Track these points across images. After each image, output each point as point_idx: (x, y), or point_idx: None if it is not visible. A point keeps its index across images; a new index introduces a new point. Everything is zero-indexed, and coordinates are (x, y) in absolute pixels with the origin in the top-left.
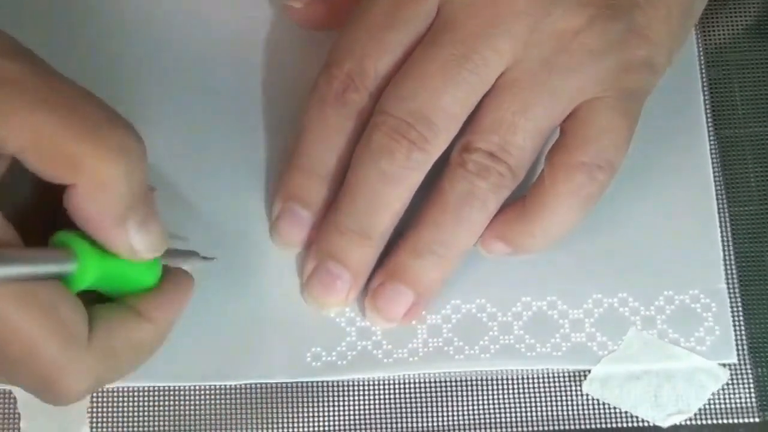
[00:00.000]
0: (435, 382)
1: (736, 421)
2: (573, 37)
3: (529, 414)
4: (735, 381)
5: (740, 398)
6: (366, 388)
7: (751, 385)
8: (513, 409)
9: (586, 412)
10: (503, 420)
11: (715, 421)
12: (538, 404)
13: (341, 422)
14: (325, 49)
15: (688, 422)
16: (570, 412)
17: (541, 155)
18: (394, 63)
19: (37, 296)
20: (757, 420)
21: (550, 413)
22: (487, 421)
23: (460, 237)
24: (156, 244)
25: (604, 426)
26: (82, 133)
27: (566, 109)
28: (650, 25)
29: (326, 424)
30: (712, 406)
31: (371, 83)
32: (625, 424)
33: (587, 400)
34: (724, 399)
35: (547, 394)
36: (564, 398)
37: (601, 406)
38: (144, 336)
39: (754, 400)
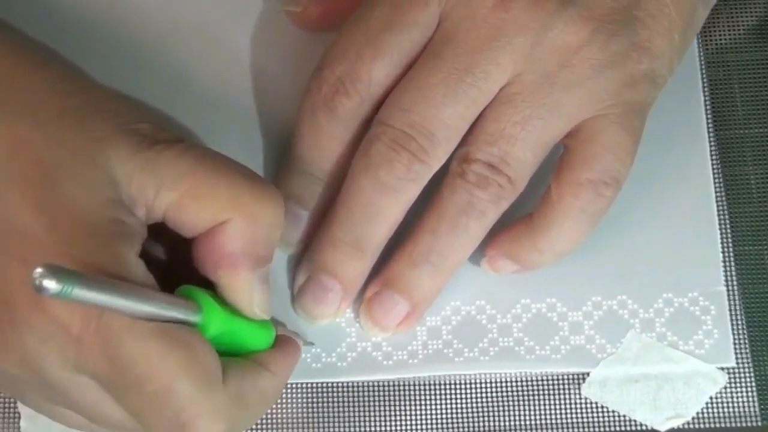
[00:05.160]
0: (434, 383)
1: (737, 425)
2: (575, 51)
3: (527, 416)
4: (737, 385)
5: (742, 403)
6: (365, 388)
7: (754, 390)
8: (512, 412)
9: (584, 414)
10: (502, 422)
11: (716, 426)
12: (537, 407)
13: (341, 423)
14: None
15: (690, 426)
16: (569, 415)
17: (548, 172)
18: (389, 69)
19: (176, 335)
20: (759, 425)
21: (548, 416)
22: (487, 422)
23: (456, 247)
24: (267, 305)
25: (603, 429)
26: (239, 177)
27: (568, 123)
28: (652, 39)
29: (326, 424)
30: (714, 410)
31: (364, 88)
32: (623, 428)
33: (586, 402)
34: (726, 403)
35: (546, 396)
36: (563, 401)
37: (600, 409)
38: (269, 385)
39: (756, 404)
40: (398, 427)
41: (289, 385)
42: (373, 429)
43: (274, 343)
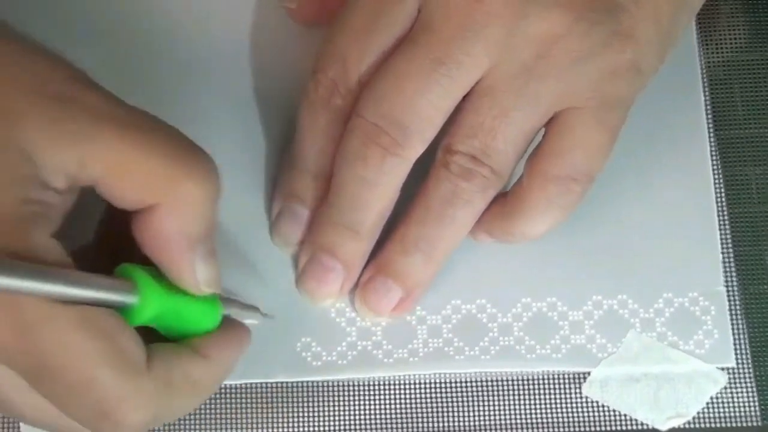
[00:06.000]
0: (434, 382)
1: (737, 425)
2: (553, 41)
3: (528, 416)
4: (736, 385)
5: (742, 403)
6: (366, 388)
7: (754, 390)
8: (512, 411)
9: (585, 414)
10: (502, 421)
11: (716, 426)
12: (538, 406)
13: (341, 422)
14: None
15: (689, 426)
16: (569, 415)
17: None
18: (375, 66)
19: (97, 323)
20: (759, 425)
21: (549, 415)
22: (487, 422)
23: (445, 236)
24: (215, 279)
25: (603, 428)
26: (169, 154)
27: (547, 113)
28: (636, 26)
29: (326, 423)
30: (714, 410)
31: (354, 87)
32: (624, 427)
33: (586, 402)
34: (726, 403)
35: (547, 395)
36: (563, 400)
37: (601, 409)
38: (201, 373)
39: (756, 404)
40: (399, 425)
41: (288, 384)
42: (373, 428)
43: (220, 325)
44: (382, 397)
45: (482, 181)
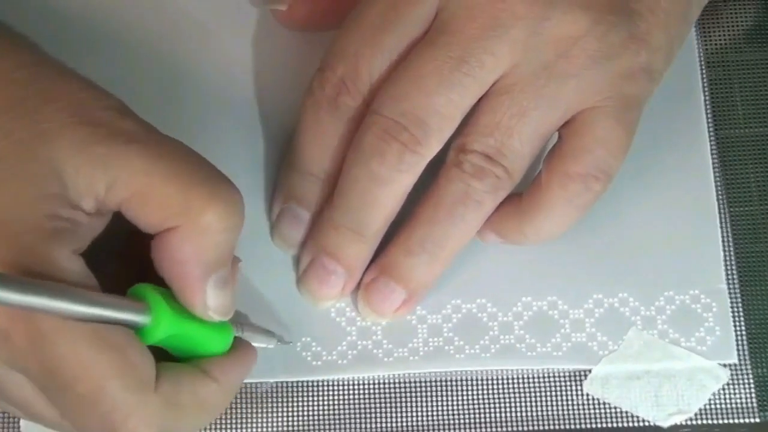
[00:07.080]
0: (436, 380)
1: (736, 421)
2: (573, 42)
3: (529, 413)
4: (735, 381)
5: (740, 398)
6: (366, 386)
7: (752, 385)
8: (514, 408)
9: (586, 411)
10: (504, 418)
11: (715, 421)
12: (539, 403)
13: (341, 421)
14: (324, 50)
15: (689, 422)
16: (571, 412)
17: (539, 158)
18: (387, 66)
19: (109, 338)
20: (757, 420)
21: (550, 412)
22: (488, 419)
23: (453, 236)
24: (226, 307)
25: (604, 425)
26: (192, 181)
27: (565, 114)
28: (650, 31)
29: (326, 423)
30: (713, 406)
31: (364, 86)
32: (625, 424)
33: (588, 399)
34: (725, 399)
35: (548, 393)
36: (565, 397)
37: (602, 406)
38: (209, 393)
39: (754, 400)
40: (399, 425)
41: (289, 384)
42: (373, 427)
43: (231, 347)
44: (382, 396)
45: (495, 181)
